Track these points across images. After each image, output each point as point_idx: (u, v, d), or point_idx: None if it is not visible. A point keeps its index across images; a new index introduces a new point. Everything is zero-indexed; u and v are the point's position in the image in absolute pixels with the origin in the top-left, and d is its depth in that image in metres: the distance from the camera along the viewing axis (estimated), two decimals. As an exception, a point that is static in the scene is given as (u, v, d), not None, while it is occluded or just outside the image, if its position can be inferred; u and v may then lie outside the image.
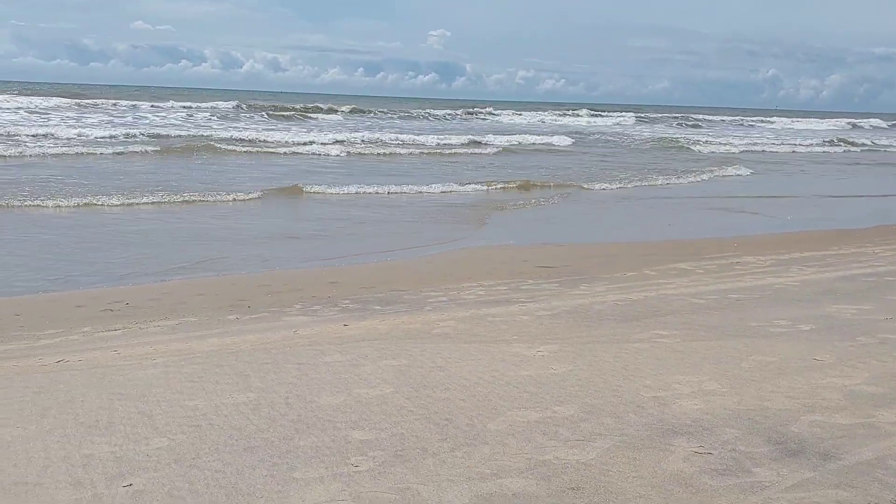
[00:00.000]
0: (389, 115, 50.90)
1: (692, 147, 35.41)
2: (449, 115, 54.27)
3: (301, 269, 9.14)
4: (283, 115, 44.78)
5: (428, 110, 56.01)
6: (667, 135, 43.05)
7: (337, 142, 28.66)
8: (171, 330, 6.12)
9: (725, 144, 37.50)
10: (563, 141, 34.77)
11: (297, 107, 49.97)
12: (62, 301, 7.36)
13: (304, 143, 27.72)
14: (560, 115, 61.99)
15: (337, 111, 50.14)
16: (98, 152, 22.50)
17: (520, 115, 57.90)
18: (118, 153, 22.56)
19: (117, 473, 3.23)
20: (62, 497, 3.04)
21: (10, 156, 20.85)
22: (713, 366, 4.73)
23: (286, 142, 28.33)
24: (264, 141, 28.37)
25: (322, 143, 27.90)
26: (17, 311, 6.87)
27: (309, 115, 46.44)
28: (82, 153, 22.28)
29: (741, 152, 34.27)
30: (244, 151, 25.04)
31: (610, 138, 39.90)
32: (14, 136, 25.44)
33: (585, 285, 7.86)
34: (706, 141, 38.92)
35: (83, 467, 3.29)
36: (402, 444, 3.52)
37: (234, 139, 28.16)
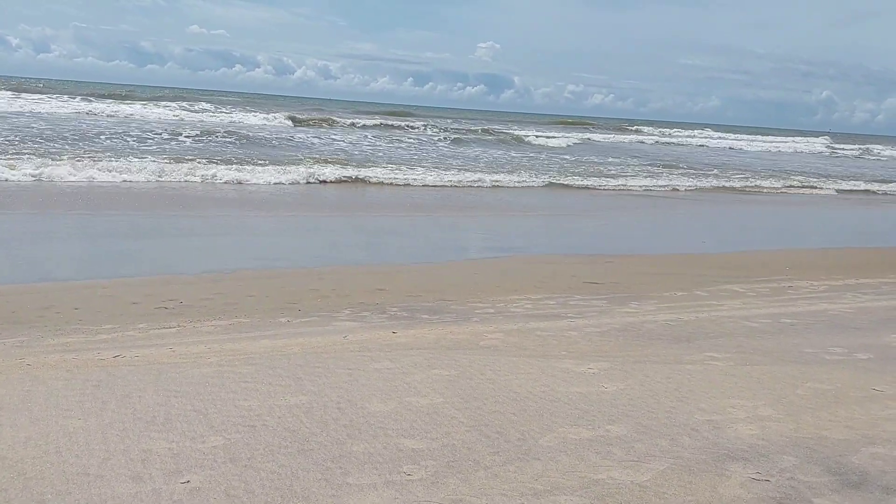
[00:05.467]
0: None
1: None
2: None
3: (348, 274, 9.22)
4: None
5: (595, 130, 51.39)
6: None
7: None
8: (224, 330, 6.22)
9: None
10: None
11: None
12: (117, 297, 7.53)
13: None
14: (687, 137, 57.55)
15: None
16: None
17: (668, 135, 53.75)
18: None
19: (175, 470, 3.29)
20: (122, 490, 3.10)
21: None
22: (768, 391, 4.64)
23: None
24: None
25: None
26: (76, 305, 7.05)
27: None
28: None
29: None
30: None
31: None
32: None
33: (635, 303, 7.78)
34: None
35: (142, 462, 3.36)
36: (453, 455, 3.52)
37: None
